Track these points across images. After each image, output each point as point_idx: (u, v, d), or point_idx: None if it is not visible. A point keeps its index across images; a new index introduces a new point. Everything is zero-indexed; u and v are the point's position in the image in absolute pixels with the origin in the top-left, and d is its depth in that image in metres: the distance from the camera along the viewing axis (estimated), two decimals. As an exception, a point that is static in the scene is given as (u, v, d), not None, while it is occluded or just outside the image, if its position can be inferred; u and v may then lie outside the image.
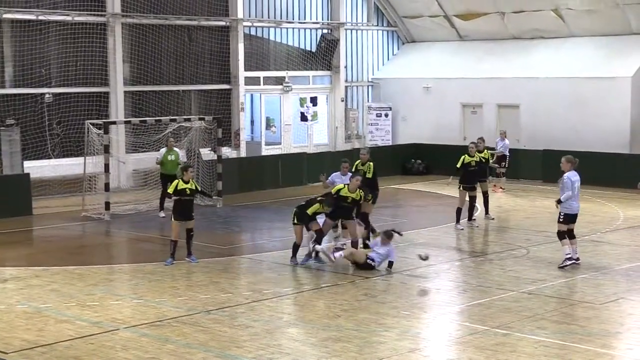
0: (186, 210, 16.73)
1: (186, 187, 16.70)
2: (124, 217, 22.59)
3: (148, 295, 14.43)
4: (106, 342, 11.85)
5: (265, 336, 12.09)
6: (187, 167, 17.16)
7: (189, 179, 16.82)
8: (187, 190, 16.69)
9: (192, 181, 16.93)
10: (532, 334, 12.02)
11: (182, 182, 16.72)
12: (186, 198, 16.72)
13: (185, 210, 16.71)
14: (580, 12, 30.16)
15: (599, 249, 18.08)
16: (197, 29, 29.40)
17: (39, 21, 25.62)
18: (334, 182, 17.64)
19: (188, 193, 16.72)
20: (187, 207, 16.76)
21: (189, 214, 16.80)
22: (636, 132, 28.60)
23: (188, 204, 16.78)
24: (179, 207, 16.68)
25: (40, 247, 19.24)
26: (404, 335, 12.11)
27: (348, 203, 16.58)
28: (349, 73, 34.14)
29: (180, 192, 16.65)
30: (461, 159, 20.78)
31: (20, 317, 13.12)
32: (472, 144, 21.36)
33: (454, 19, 33.21)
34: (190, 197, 16.82)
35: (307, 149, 31.64)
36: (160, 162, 22.51)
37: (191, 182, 16.87)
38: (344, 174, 17.97)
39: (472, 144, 21.36)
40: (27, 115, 25.42)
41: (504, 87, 31.04)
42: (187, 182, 16.76)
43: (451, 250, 18.31)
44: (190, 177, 16.93)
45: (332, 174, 18.21)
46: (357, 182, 16.62)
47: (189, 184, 16.77)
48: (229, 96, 30.23)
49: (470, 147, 21.08)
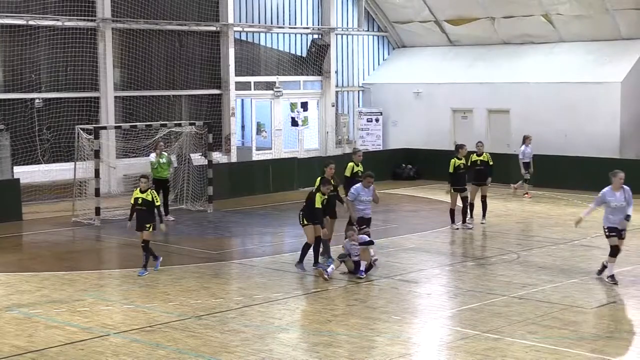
0: (141, 220, 16.30)
1: (140, 197, 16.27)
2: (115, 222, 22.52)
3: (138, 300, 14.39)
4: (96, 347, 11.81)
5: (256, 341, 12.07)
6: (142, 177, 16.65)
7: (145, 189, 16.31)
8: (140, 200, 16.25)
9: (149, 192, 16.35)
10: (523, 339, 12.03)
11: (138, 192, 16.34)
12: (139, 208, 16.29)
13: (140, 220, 16.32)
14: (570, 17, 30.25)
15: (589, 253, 18.11)
16: (188, 34, 29.38)
17: (29, 26, 25.56)
18: (359, 195, 16.93)
19: (140, 203, 16.25)
20: (142, 217, 16.29)
21: (142, 224, 16.29)
22: (626, 137, 28.69)
23: (143, 214, 16.27)
24: (137, 217, 16.39)
25: (30, 253, 19.17)
26: (395, 340, 12.10)
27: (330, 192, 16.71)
28: (340, 78, 34.16)
29: (135, 201, 16.34)
30: (452, 163, 20.92)
31: (10, 323, 13.07)
32: (458, 146, 21.68)
33: (444, 24, 33.28)
34: (143, 208, 16.26)
35: (297, 154, 31.65)
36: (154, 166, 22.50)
37: (148, 193, 16.30)
38: (367, 185, 17.03)
39: (458, 146, 21.68)
40: (17, 120, 25.35)
41: (494, 92, 31.11)
42: (144, 192, 16.30)
43: (442, 255, 18.31)
44: (146, 187, 16.36)
45: (354, 188, 17.07)
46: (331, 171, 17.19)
47: (145, 195, 16.27)
48: (220, 101, 30.22)
49: (460, 149, 21.28)
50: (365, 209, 17.09)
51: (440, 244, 19.43)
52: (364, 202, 17.07)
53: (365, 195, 17.06)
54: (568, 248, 18.57)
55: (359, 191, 17.04)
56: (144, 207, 16.28)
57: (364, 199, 17.06)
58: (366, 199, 17.07)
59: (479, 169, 21.69)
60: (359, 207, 17.00)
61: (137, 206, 16.34)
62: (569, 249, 18.43)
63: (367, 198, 17.07)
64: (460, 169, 20.93)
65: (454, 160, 20.95)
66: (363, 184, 17.13)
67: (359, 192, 17.04)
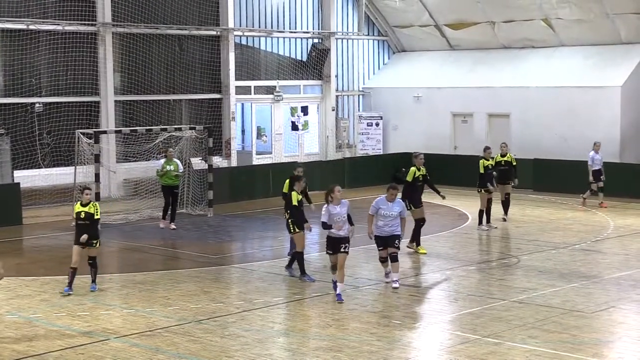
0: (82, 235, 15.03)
1: (82, 210, 15.08)
2: (115, 226, 22.54)
3: (139, 305, 14.39)
4: (97, 352, 11.81)
5: (256, 346, 12.06)
6: (84, 189, 15.51)
7: (86, 202, 15.16)
8: (82, 213, 15.05)
9: (92, 205, 15.20)
10: (523, 343, 12.03)
11: (80, 205, 15.18)
12: (82, 222, 15.07)
13: (80, 235, 15.04)
14: (570, 21, 30.27)
15: (589, 257, 18.11)
16: (188, 39, 29.40)
17: (30, 30, 25.58)
18: (379, 208, 15.28)
19: (82, 217, 15.05)
20: (84, 232, 15.01)
21: (87, 240, 15.06)
22: (626, 141, 28.69)
23: (85, 229, 15.01)
24: (76, 231, 15.18)
25: (30, 257, 19.16)
26: (395, 345, 12.10)
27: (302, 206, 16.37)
28: (340, 82, 34.18)
29: (76, 215, 15.19)
30: (481, 164, 21.51)
31: (10, 328, 13.07)
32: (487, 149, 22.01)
33: (444, 28, 33.30)
34: (86, 222, 15.04)
35: (298, 158, 31.63)
36: (163, 173, 22.00)
37: (90, 206, 15.14)
38: (390, 199, 15.32)
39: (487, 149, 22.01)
40: (17, 124, 25.36)
41: (494, 96, 31.12)
42: (85, 205, 15.13)
43: (442, 259, 18.30)
44: (88, 199, 15.21)
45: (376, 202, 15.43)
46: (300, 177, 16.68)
47: (87, 208, 15.10)
48: (220, 105, 30.23)
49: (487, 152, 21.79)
50: (385, 226, 15.28)
51: (440, 248, 19.42)
52: (385, 218, 15.24)
53: (388, 210, 15.22)
54: (568, 252, 18.56)
55: (380, 204, 15.26)
56: (88, 222, 15.06)
57: (384, 214, 15.23)
58: (388, 213, 15.21)
59: (503, 169, 22.33)
60: (379, 222, 15.30)
61: (79, 220, 15.08)
62: (569, 253, 18.42)
63: (389, 212, 15.20)
64: (489, 170, 21.58)
65: (482, 161, 21.52)
66: (387, 197, 15.31)
67: (380, 205, 15.27)
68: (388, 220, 15.22)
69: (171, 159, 22.30)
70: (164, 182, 22.17)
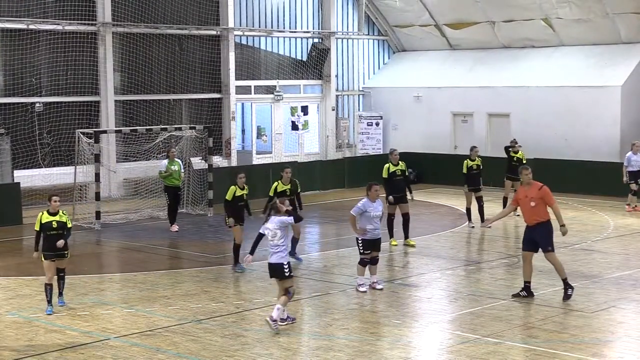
0: (55, 246, 14.06)
1: (52, 219, 14.12)
2: (115, 226, 22.55)
3: (139, 304, 14.39)
4: (97, 352, 11.81)
5: (256, 345, 12.07)
6: (51, 196, 14.37)
7: (55, 210, 14.22)
8: (54, 223, 14.09)
9: (61, 213, 14.27)
10: (523, 343, 12.03)
11: (47, 214, 14.20)
12: (54, 233, 14.05)
13: (53, 246, 14.04)
14: (570, 21, 30.26)
15: (589, 257, 18.11)
16: (188, 38, 29.39)
17: (30, 30, 25.58)
18: (366, 210, 14.77)
19: (55, 227, 14.07)
20: (55, 243, 14.07)
21: (60, 251, 14.14)
22: (626, 141, 28.63)
23: (56, 239, 14.05)
24: (46, 243, 14.07)
25: (30, 257, 18.97)
26: (395, 344, 12.10)
27: (288, 196, 16.77)
28: (340, 82, 34.17)
29: (45, 225, 14.08)
30: (465, 164, 21.57)
31: (10, 327, 13.07)
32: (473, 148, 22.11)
33: (444, 28, 33.29)
34: (59, 232, 14.08)
35: (298, 158, 31.63)
36: (167, 174, 21.59)
37: (61, 214, 14.24)
38: (374, 198, 14.84)
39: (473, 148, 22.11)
40: (17, 124, 25.36)
41: (494, 96, 31.12)
42: (55, 214, 14.20)
43: (442, 258, 18.30)
44: (57, 208, 14.27)
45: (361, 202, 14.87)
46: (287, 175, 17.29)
47: (58, 217, 14.20)
48: (220, 105, 30.23)
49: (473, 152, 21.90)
50: (374, 230, 14.79)
51: (440, 247, 19.43)
52: (374, 220, 14.72)
53: (375, 210, 14.74)
54: (568, 252, 18.55)
55: (367, 206, 14.68)
56: (61, 231, 14.12)
57: (373, 215, 14.71)
58: (375, 214, 14.76)
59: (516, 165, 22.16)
60: (368, 227, 14.71)
61: (52, 231, 14.06)
62: (569, 253, 18.42)
63: (376, 214, 14.77)
64: (473, 170, 21.59)
65: (466, 162, 21.64)
66: (369, 197, 14.74)
67: (367, 207, 14.68)
68: (376, 221, 14.81)
69: (173, 158, 21.97)
70: (169, 182, 21.70)
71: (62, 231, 14.12)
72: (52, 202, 14.20)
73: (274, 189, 17.31)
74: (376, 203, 14.78)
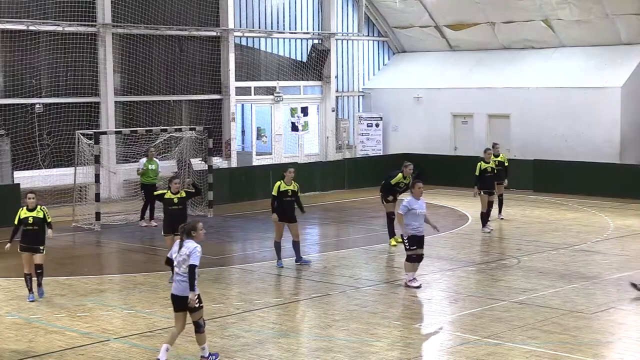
0: (32, 242, 14.55)
1: (29, 215, 14.52)
2: (115, 227, 22.55)
3: (139, 305, 14.39)
4: (97, 353, 11.81)
5: (256, 346, 12.07)
6: (27, 193, 14.85)
7: (33, 206, 14.58)
8: (30, 219, 14.50)
9: (39, 208, 14.65)
10: (524, 344, 12.03)
11: (26, 210, 14.60)
12: (29, 228, 14.50)
13: (30, 242, 14.54)
14: (570, 22, 30.27)
15: (589, 258, 18.10)
16: (188, 39, 29.39)
17: (30, 31, 25.58)
18: (412, 208, 15.14)
19: (30, 222, 14.50)
20: (33, 239, 14.55)
21: (35, 246, 14.59)
22: (626, 142, 28.69)
23: (33, 235, 14.50)
24: (22, 237, 14.55)
25: (30, 258, 19.12)
26: (395, 346, 12.10)
27: (289, 197, 16.95)
28: (340, 83, 34.18)
29: (22, 221, 14.56)
30: (478, 166, 21.55)
31: (10, 328, 13.07)
32: (487, 150, 22.09)
33: (444, 29, 33.30)
34: (34, 227, 14.52)
35: (298, 159, 31.64)
36: (142, 172, 22.73)
37: (38, 210, 14.61)
38: (418, 195, 15.25)
39: (487, 150, 22.09)
40: (17, 125, 25.36)
41: (494, 97, 31.12)
42: (32, 210, 14.57)
43: (442, 259, 18.30)
44: (34, 204, 14.61)
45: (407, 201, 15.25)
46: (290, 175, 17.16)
47: (35, 212, 14.56)
48: (220, 106, 30.23)
49: (487, 154, 21.85)
50: (420, 226, 15.21)
51: (440, 249, 19.42)
52: (419, 217, 15.14)
53: (420, 208, 15.14)
54: (568, 253, 18.56)
55: (412, 204, 15.07)
56: (36, 227, 14.54)
57: (418, 212, 15.11)
58: (420, 212, 15.14)
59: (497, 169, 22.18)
60: (413, 223, 15.12)
61: (28, 226, 14.50)
62: (569, 254, 18.43)
63: (421, 211, 15.15)
64: (488, 172, 21.61)
65: (480, 164, 21.62)
66: (413, 195, 15.24)
67: (412, 204, 15.06)
68: (421, 218, 15.21)
69: (152, 158, 22.93)
70: (144, 180, 22.79)
71: (38, 227, 14.65)
72: (28, 199, 14.72)
73: (277, 188, 17.26)
74: (420, 201, 15.21)
